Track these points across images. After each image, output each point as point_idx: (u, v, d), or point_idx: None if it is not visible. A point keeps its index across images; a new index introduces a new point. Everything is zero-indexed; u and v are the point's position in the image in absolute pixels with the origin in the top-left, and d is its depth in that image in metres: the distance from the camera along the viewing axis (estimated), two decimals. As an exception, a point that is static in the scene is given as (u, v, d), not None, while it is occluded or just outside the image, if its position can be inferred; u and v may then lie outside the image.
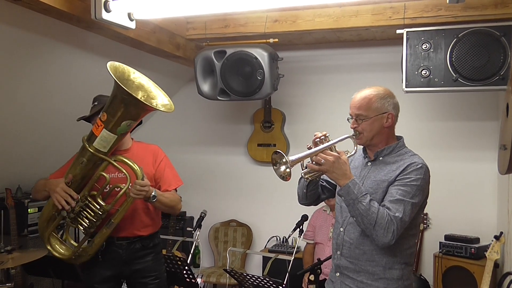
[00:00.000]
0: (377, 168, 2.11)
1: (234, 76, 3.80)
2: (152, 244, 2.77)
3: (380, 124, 2.08)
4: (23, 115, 3.43)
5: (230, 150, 4.88)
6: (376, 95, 2.09)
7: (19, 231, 3.76)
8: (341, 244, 2.13)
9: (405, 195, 1.96)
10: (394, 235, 1.91)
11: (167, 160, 2.81)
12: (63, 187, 2.46)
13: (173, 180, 2.77)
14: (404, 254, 2.05)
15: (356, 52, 4.34)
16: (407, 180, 1.99)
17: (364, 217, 1.93)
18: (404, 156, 2.09)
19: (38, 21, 2.76)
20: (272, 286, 3.05)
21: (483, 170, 3.96)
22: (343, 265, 2.12)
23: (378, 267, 2.03)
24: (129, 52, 3.60)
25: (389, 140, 2.13)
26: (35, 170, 4.13)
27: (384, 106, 2.08)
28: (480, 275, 3.27)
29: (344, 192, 1.97)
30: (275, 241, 4.51)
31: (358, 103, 2.09)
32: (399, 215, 1.92)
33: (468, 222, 3.97)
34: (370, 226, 1.92)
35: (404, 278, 2.06)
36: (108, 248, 2.66)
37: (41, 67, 3.15)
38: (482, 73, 3.13)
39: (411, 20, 3.34)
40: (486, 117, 3.97)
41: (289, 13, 3.66)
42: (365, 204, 1.92)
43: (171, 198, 2.70)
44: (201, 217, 3.89)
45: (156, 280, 2.74)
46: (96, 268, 2.68)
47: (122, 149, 2.70)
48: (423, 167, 2.02)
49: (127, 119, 2.33)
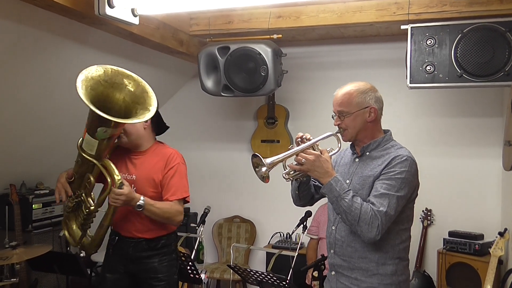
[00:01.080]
0: (364, 164, 2.10)
1: (237, 72, 3.80)
2: (161, 246, 2.71)
3: (363, 119, 2.07)
4: (27, 111, 3.44)
5: (233, 146, 4.87)
6: (356, 90, 2.08)
7: (23, 227, 3.79)
8: (334, 243, 2.13)
9: (389, 189, 1.95)
10: (379, 230, 1.90)
11: (179, 168, 2.68)
12: (62, 182, 2.55)
13: (177, 191, 2.64)
14: (396, 249, 2.04)
15: (360, 48, 4.32)
16: (391, 174, 1.97)
17: (348, 214, 1.92)
18: (390, 149, 2.07)
19: (42, 17, 2.76)
20: (276, 282, 3.05)
21: (488, 166, 3.94)
22: (337, 264, 2.12)
23: (371, 263, 2.03)
24: (132, 48, 3.60)
25: (374, 134, 2.12)
26: (39, 167, 4.15)
27: (366, 100, 2.06)
28: (484, 272, 3.27)
29: (327, 190, 1.97)
30: (279, 237, 4.51)
31: (339, 99, 2.09)
32: (383, 209, 1.91)
33: (472, 219, 3.96)
34: (354, 222, 1.92)
35: (398, 273, 2.05)
36: (119, 244, 2.72)
37: (44, 63, 3.15)
38: (487, 69, 3.11)
39: (415, 15, 3.32)
40: (491, 113, 3.95)
41: (293, 9, 3.65)
42: (347, 200, 1.92)
43: (165, 209, 2.58)
44: (205, 213, 3.89)
45: (162, 283, 2.68)
46: (109, 259, 2.77)
47: (139, 150, 2.73)
48: (408, 159, 2.00)
49: (101, 126, 2.32)
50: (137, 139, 2.70)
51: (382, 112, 2.13)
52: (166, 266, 2.71)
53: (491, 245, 3.28)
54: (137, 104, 2.43)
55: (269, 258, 4.02)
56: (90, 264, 4.32)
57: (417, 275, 3.90)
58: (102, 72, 2.40)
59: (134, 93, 2.45)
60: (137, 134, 2.69)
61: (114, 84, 2.42)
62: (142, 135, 2.70)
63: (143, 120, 2.43)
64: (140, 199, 2.47)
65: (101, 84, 2.38)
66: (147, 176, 2.65)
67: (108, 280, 2.75)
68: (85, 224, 2.61)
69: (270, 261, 3.68)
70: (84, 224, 2.61)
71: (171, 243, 2.78)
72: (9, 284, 3.42)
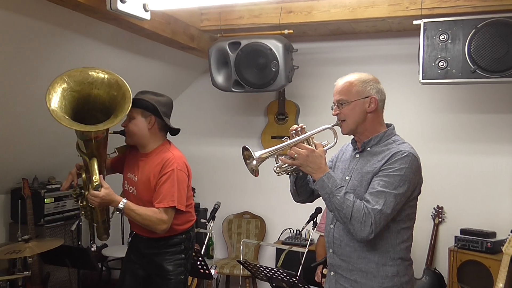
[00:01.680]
0: (364, 160, 2.01)
1: (248, 67, 3.79)
2: (168, 245, 2.69)
3: (363, 109, 1.98)
4: (40, 105, 3.45)
5: (244, 142, 4.76)
6: (357, 79, 2.01)
7: (35, 221, 3.83)
8: (332, 242, 2.05)
9: (387, 186, 1.85)
10: (373, 228, 1.82)
11: (172, 175, 2.55)
12: (72, 172, 2.63)
13: (164, 199, 2.53)
14: (397, 249, 1.95)
15: (372, 44, 4.29)
16: (390, 170, 1.88)
17: (340, 211, 1.85)
18: (392, 145, 1.97)
19: (54, 12, 2.77)
20: (286, 278, 3.05)
21: (501, 163, 3.90)
22: (336, 264, 2.04)
23: (371, 264, 1.94)
24: (143, 43, 3.61)
25: (376, 128, 2.02)
26: (51, 161, 4.19)
27: (366, 90, 1.99)
28: (496, 270, 3.23)
29: (319, 186, 1.90)
30: (289, 233, 4.51)
31: (339, 88, 2.03)
32: (378, 207, 1.82)
33: (484, 216, 3.92)
34: (346, 220, 1.85)
35: (400, 274, 1.95)
36: (133, 240, 2.82)
37: (56, 58, 3.17)
38: (501, 65, 3.06)
39: (428, 10, 3.28)
40: (505, 110, 3.90)
41: (304, 4, 3.63)
42: (339, 197, 1.85)
43: (145, 216, 2.50)
44: (215, 208, 3.89)
45: (166, 281, 2.68)
46: (129, 257, 2.85)
47: (143, 152, 2.71)
48: (409, 155, 1.90)
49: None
50: (141, 139, 2.65)
51: (384, 105, 2.05)
52: (172, 266, 2.67)
53: (503, 243, 3.25)
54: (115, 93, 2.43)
55: (279, 254, 4.01)
56: (101, 258, 4.36)
57: (428, 272, 3.87)
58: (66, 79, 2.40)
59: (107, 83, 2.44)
60: (140, 135, 2.63)
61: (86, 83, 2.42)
62: (145, 135, 2.63)
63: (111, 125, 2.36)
64: (120, 203, 2.45)
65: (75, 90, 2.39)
66: (146, 180, 2.62)
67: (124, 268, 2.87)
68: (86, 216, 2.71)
69: (280, 257, 3.68)
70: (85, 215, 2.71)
71: (181, 243, 2.72)
72: (22, 277, 3.46)
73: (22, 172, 3.98)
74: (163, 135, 2.72)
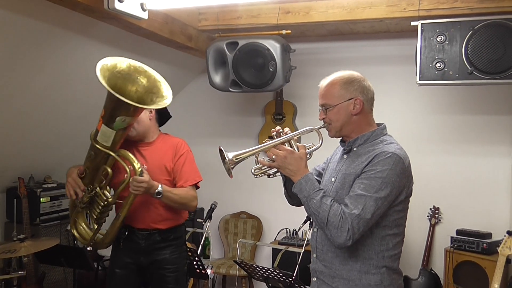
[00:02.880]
0: (350, 161, 1.91)
1: (246, 67, 3.78)
2: (173, 237, 2.78)
3: (347, 111, 1.89)
4: (36, 105, 3.45)
5: (241, 142, 4.86)
6: (339, 80, 1.91)
7: (31, 220, 3.81)
8: (315, 247, 1.97)
9: (367, 190, 1.75)
10: (350, 234, 1.71)
11: (188, 155, 2.79)
12: (74, 177, 2.56)
13: (190, 176, 2.75)
14: (381, 256, 1.84)
15: (370, 45, 4.30)
16: (371, 173, 1.78)
17: (316, 215, 1.77)
18: (379, 145, 1.87)
19: (51, 11, 2.76)
20: (282, 278, 3.05)
21: (497, 165, 3.91)
22: (318, 270, 1.96)
23: (353, 272, 1.85)
24: (141, 42, 3.60)
25: (363, 128, 1.93)
26: (47, 160, 4.17)
27: (349, 91, 1.89)
28: (492, 271, 3.24)
29: (297, 189, 1.83)
30: (285, 233, 4.50)
31: (323, 91, 1.94)
32: (356, 212, 1.72)
33: (480, 217, 3.93)
34: (323, 224, 1.76)
35: (385, 283, 1.84)
36: (130, 237, 2.76)
37: (54, 57, 3.16)
38: (498, 66, 3.07)
39: (426, 11, 3.29)
40: (501, 111, 3.92)
41: (302, 4, 3.63)
42: (316, 201, 1.77)
43: (182, 195, 2.68)
44: (212, 208, 3.89)
45: (174, 273, 2.75)
46: (118, 254, 2.80)
47: (146, 141, 2.78)
48: (393, 156, 1.78)
49: (121, 115, 2.35)
50: (145, 129, 2.75)
51: (372, 103, 1.96)
52: (177, 258, 2.78)
53: (499, 244, 3.25)
54: (151, 93, 2.47)
55: (275, 254, 4.01)
56: (97, 258, 4.35)
57: (424, 273, 3.89)
58: (115, 63, 2.44)
59: (146, 84, 2.49)
60: (145, 124, 2.74)
61: (127, 76, 2.45)
62: (149, 125, 2.76)
63: (163, 106, 2.46)
64: (158, 186, 2.53)
65: (116, 76, 2.41)
66: (159, 165, 2.71)
67: (118, 275, 2.78)
68: (101, 218, 2.63)
69: (277, 257, 3.68)
70: (100, 218, 2.62)
71: (182, 235, 2.86)
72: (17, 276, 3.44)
73: (18, 171, 3.97)
74: (157, 126, 2.88)
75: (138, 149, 2.76)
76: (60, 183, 4.18)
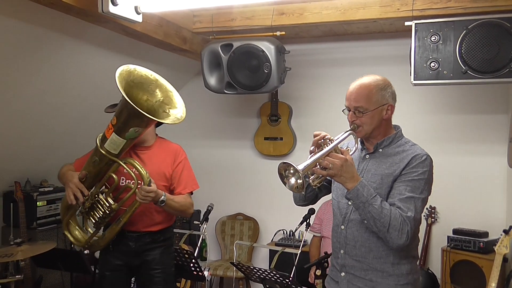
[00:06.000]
0: (378, 161, 2.02)
1: (240, 69, 3.79)
2: (163, 238, 2.81)
3: (380, 116, 2.00)
4: (32, 109, 3.45)
5: (236, 143, 4.87)
6: (376, 86, 1.98)
7: (28, 224, 3.80)
8: (344, 243, 2.05)
9: (414, 191, 1.89)
10: (409, 235, 1.85)
11: (186, 162, 2.82)
12: (76, 183, 2.52)
13: (188, 184, 2.79)
14: (410, 247, 1.98)
15: (364, 45, 4.31)
16: (414, 175, 1.92)
17: (377, 220, 1.84)
18: (405, 146, 2.02)
19: (45, 15, 2.76)
20: (279, 280, 3.05)
21: (493, 164, 3.92)
22: (348, 264, 2.04)
23: (387, 264, 1.96)
24: (136, 45, 3.60)
25: (387, 131, 2.06)
26: (43, 164, 4.17)
27: (385, 98, 1.99)
28: (489, 270, 3.25)
29: (353, 195, 1.87)
30: (282, 235, 4.51)
31: (358, 95, 1.98)
32: (411, 214, 1.86)
33: (477, 216, 3.94)
34: (384, 229, 1.84)
35: (413, 271, 2.01)
36: (119, 239, 2.74)
37: (49, 61, 3.16)
38: (492, 66, 3.08)
39: (419, 11, 3.30)
40: (496, 110, 3.93)
41: (296, 6, 3.64)
42: (377, 206, 1.84)
43: (181, 202, 2.71)
44: (208, 210, 3.89)
45: (162, 274, 2.76)
46: (108, 257, 2.78)
47: (144, 145, 2.76)
48: (428, 158, 1.96)
49: (135, 126, 2.34)
50: (146, 134, 2.73)
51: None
52: (167, 258, 2.81)
53: (496, 243, 3.26)
54: (165, 104, 2.44)
55: (272, 256, 4.01)
56: (94, 261, 4.34)
57: (421, 273, 3.89)
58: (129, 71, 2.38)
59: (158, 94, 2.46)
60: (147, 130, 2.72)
61: (139, 84, 2.40)
62: (148, 130, 2.72)
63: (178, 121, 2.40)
64: (162, 195, 2.54)
65: (129, 85, 2.36)
66: (158, 171, 2.71)
67: (108, 278, 2.78)
68: (101, 223, 2.62)
69: (273, 258, 3.68)
70: (101, 222, 2.61)
71: (171, 236, 2.89)
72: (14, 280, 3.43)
73: (15, 175, 3.96)
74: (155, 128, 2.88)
75: (136, 152, 2.75)
76: (56, 187, 4.17)
